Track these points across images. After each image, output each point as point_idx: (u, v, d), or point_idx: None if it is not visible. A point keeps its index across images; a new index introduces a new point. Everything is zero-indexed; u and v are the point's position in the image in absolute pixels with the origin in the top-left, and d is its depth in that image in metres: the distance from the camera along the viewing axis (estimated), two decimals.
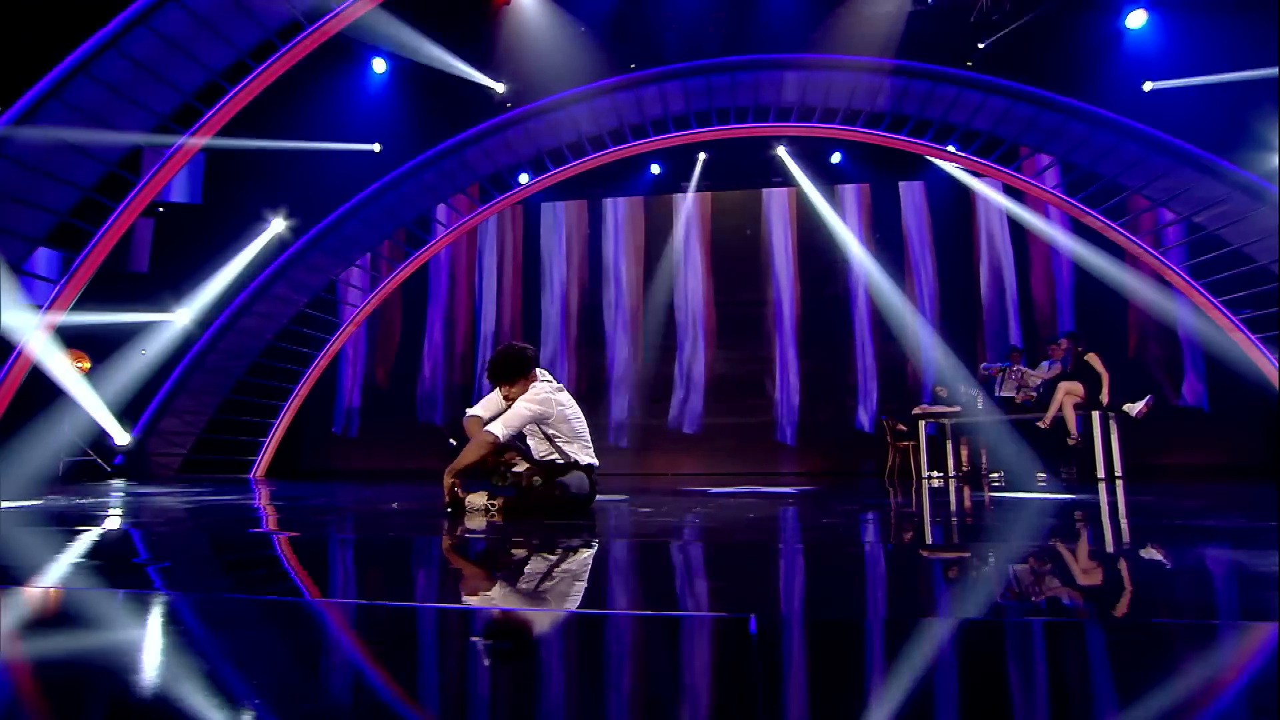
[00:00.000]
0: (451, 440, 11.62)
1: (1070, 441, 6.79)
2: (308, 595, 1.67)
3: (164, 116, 8.29)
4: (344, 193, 9.73)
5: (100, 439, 8.89)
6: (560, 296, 12.04)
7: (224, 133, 8.65)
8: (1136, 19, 8.21)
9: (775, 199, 11.98)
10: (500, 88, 9.61)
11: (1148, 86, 8.04)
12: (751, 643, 1.10)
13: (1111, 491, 5.01)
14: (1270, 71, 7.05)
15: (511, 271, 12.14)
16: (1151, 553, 2.25)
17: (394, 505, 4.41)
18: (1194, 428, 9.48)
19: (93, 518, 3.49)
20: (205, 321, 9.81)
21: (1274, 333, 8.23)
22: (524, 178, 10.67)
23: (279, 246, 9.80)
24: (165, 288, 9.76)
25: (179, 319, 9.63)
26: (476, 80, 9.47)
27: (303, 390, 10.27)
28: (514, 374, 3.44)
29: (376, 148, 9.66)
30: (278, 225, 9.76)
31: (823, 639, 1.20)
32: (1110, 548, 2.40)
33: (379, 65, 9.59)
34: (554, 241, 12.11)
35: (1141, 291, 9.07)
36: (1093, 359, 6.60)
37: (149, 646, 1.12)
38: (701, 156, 11.48)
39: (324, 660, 1.11)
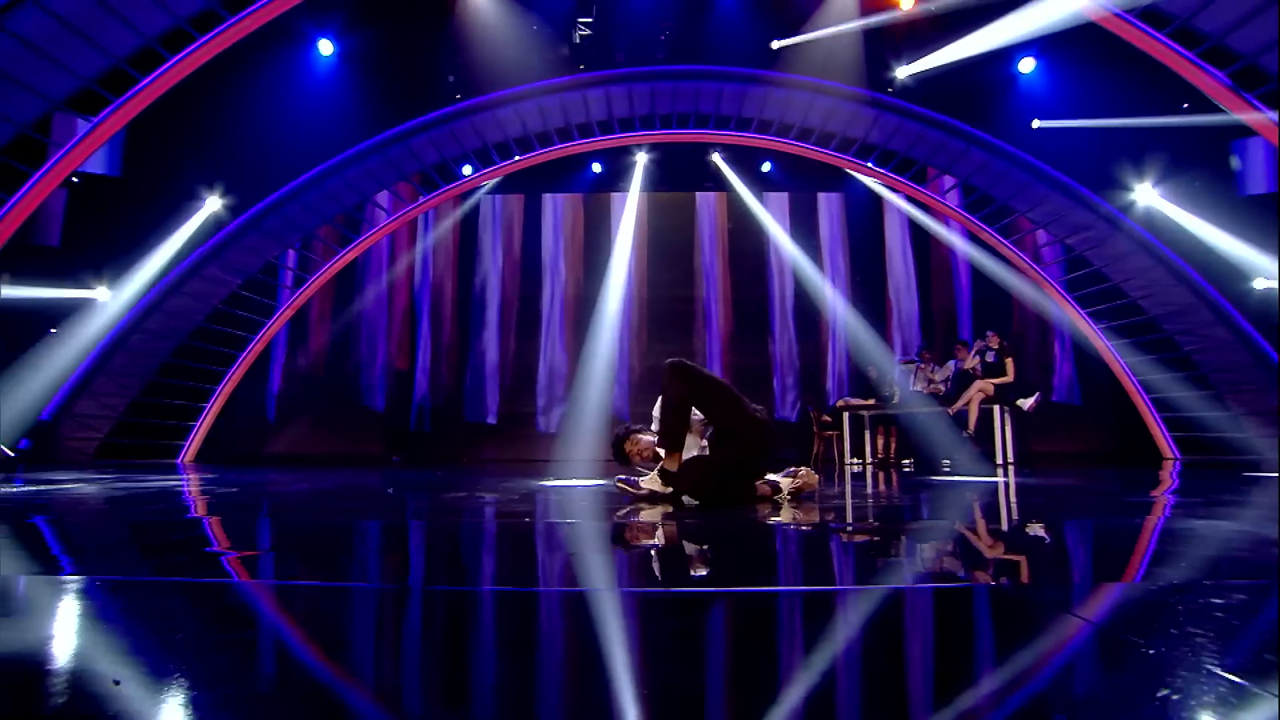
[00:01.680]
0: (396, 458, 11.76)
1: (964, 434, 7.80)
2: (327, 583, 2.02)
3: (88, 80, 7.94)
4: (285, 174, 9.56)
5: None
6: (497, 287, 12.26)
7: (158, 104, 8.38)
8: (1027, 65, 9.43)
9: (707, 202, 12.68)
10: (459, 77, 9.72)
11: (1035, 124, 9.26)
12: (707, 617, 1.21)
13: (1012, 474, 5.96)
14: (1129, 121, 8.35)
15: (450, 260, 12.24)
16: (1047, 523, 2.98)
17: (389, 491, 4.65)
18: (1061, 421, 10.92)
19: None
20: (129, 300, 9.39)
21: (1125, 340, 9.67)
22: (467, 169, 10.81)
23: (214, 226, 9.52)
24: (79, 263, 9.27)
25: (97, 296, 9.18)
26: (427, 68, 9.56)
27: (236, 374, 10.02)
28: None
29: (321, 134, 9.54)
30: (213, 204, 9.47)
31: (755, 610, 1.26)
32: (1021, 518, 3.12)
33: (325, 47, 9.48)
34: (493, 233, 12.30)
35: (1026, 300, 10.38)
36: (1009, 362, 7.64)
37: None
38: (641, 158, 11.98)
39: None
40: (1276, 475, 5.17)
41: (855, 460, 8.92)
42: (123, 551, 2.15)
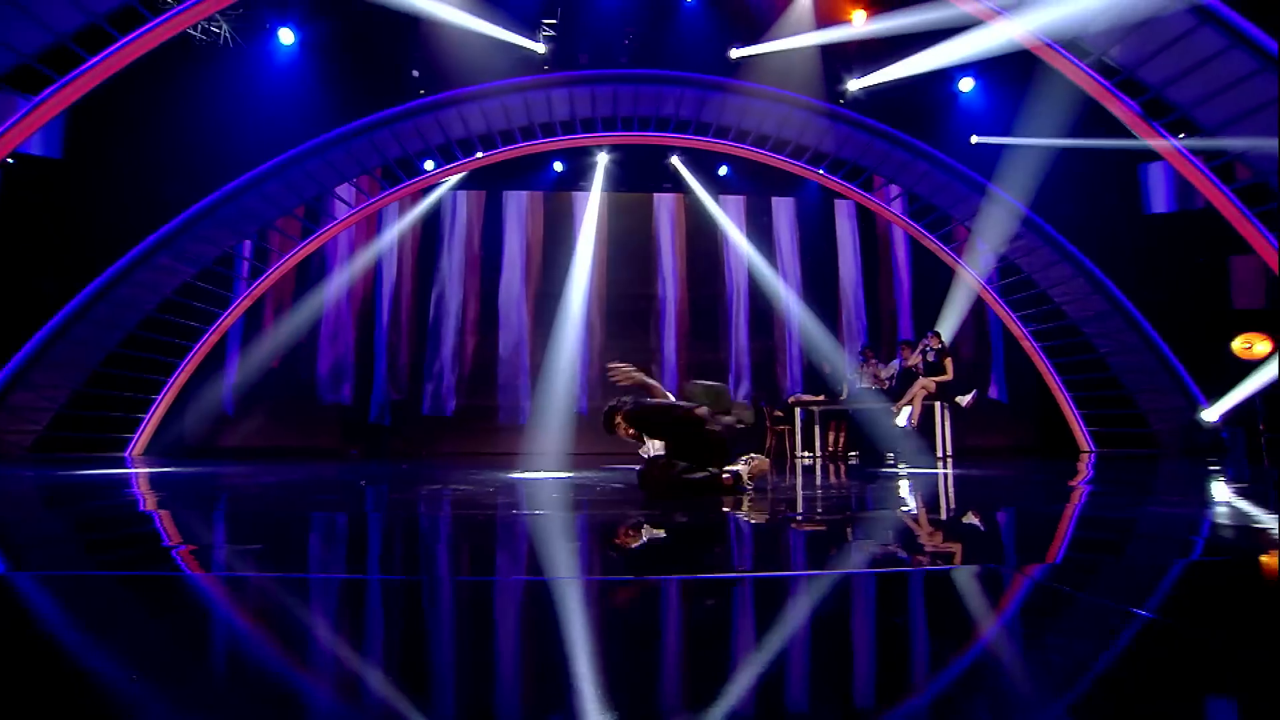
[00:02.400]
0: (354, 451, 11.68)
1: (902, 426, 8.37)
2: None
3: (28, 56, 7.66)
4: (243, 163, 9.39)
5: None
6: (458, 282, 12.30)
7: (108, 85, 8.14)
8: (966, 84, 10.12)
9: (665, 203, 13.02)
10: (424, 73, 9.74)
11: (974, 140, 9.95)
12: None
13: (951, 465, 6.49)
14: (1055, 141, 9.11)
15: (410, 254, 12.21)
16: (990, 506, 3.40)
17: (362, 483, 4.79)
18: (991, 417, 11.72)
19: None
20: (72, 288, 9.07)
21: (1050, 343, 10.50)
22: (430, 164, 10.82)
23: (165, 213, 9.26)
24: (14, 247, 8.90)
25: (34, 284, 8.84)
26: (391, 62, 9.55)
27: (189, 365, 9.78)
28: None
29: (282, 122, 9.42)
30: (164, 191, 9.22)
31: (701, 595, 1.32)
32: (959, 504, 3.54)
33: (286, 36, 9.35)
34: (454, 229, 12.33)
35: (962, 303, 11.11)
36: (948, 361, 8.21)
37: None
38: (602, 158, 12.22)
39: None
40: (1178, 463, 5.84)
41: (806, 453, 9.40)
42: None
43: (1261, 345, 9.01)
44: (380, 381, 11.53)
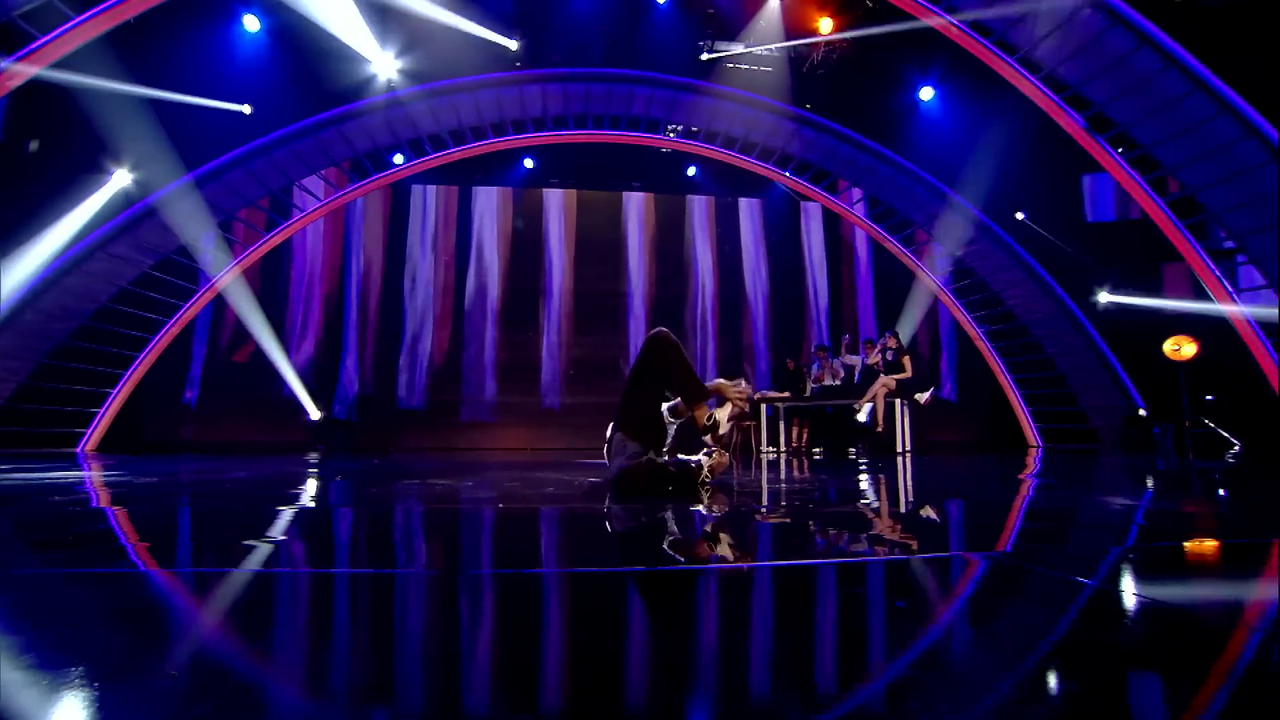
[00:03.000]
0: (320, 446, 11.49)
1: (861, 420, 8.73)
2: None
3: None
4: (206, 152, 9.15)
5: None
6: (427, 277, 12.22)
7: (60, 65, 7.86)
8: (926, 93, 10.55)
9: (634, 202, 13.18)
10: (394, 66, 9.63)
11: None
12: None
13: (911, 460, 6.82)
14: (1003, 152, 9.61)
15: (379, 249, 12.07)
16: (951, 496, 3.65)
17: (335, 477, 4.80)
18: (946, 413, 12.28)
19: None
20: (21, 278, 8.70)
21: (1001, 343, 11.06)
22: (399, 158, 10.72)
23: (123, 202, 8.97)
24: None
25: None
26: (361, 54, 9.43)
27: (149, 358, 9.49)
28: None
29: (246, 109, 9.21)
30: (121, 178, 8.92)
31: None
32: (920, 494, 3.79)
33: (251, 23, 9.15)
34: (422, 223, 12.24)
35: (921, 304, 11.59)
36: (907, 359, 8.58)
37: None
38: (573, 156, 12.30)
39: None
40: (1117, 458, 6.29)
41: (770, 448, 9.69)
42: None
43: (1189, 347, 9.69)
44: (346, 377, 11.39)
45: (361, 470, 4.99)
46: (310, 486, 3.70)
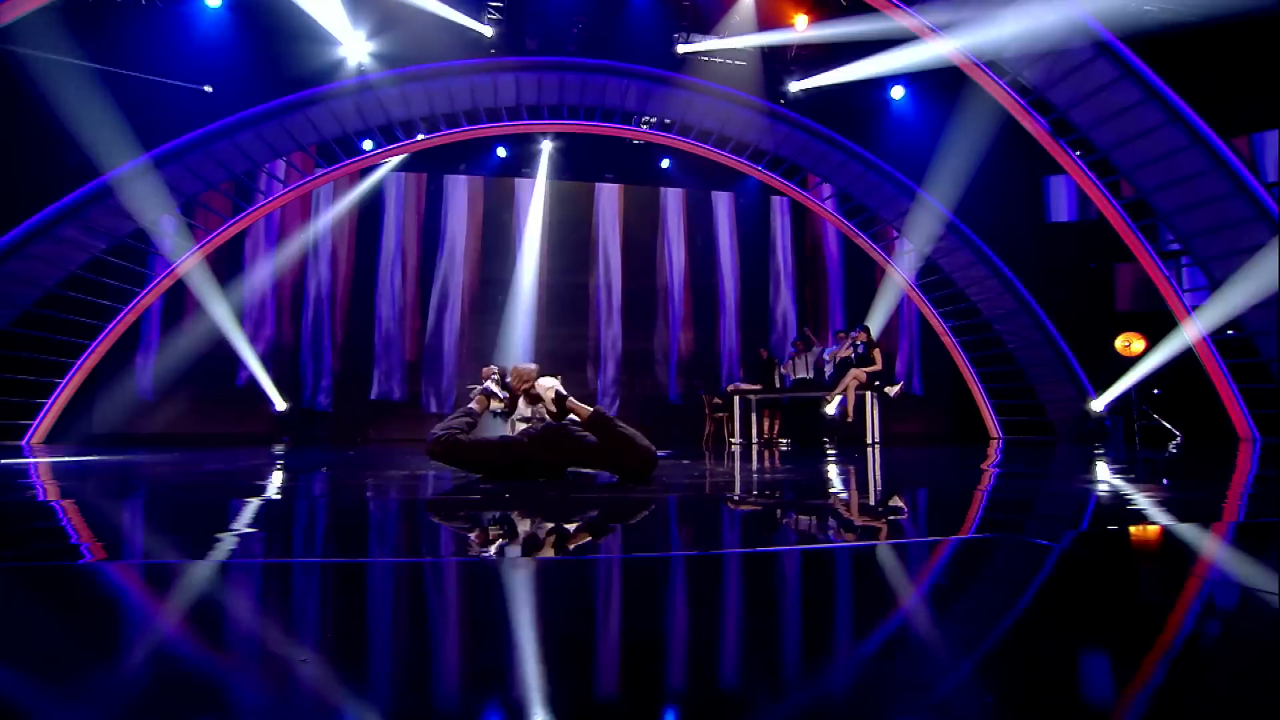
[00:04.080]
0: (285, 438, 11.25)
1: (831, 412, 8.92)
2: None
3: None
4: (163, 132, 8.76)
5: None
6: (395, 265, 11.98)
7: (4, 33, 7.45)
8: (898, 92, 10.76)
9: (607, 193, 13.12)
10: (365, 49, 9.37)
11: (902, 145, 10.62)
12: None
13: (879, 451, 7.00)
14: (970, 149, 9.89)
15: (346, 235, 11.77)
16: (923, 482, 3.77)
17: (325, 469, 4.71)
18: (911, 405, 12.60)
19: None
20: None
21: (965, 337, 11.40)
22: (368, 144, 10.46)
23: (70, 182, 8.52)
24: None
25: None
26: (330, 36, 9.16)
27: (101, 347, 9.07)
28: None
29: (207, 89, 8.85)
30: (69, 160, 8.47)
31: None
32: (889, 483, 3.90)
33: None
34: (392, 211, 11.97)
35: (889, 298, 11.84)
36: (876, 352, 8.76)
37: None
38: (546, 145, 12.18)
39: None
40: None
41: (740, 439, 9.81)
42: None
43: (1138, 344, 10.15)
44: (308, 367, 11.10)
45: (329, 462, 4.89)
46: (273, 480, 3.62)
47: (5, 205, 8.47)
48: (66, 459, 5.14)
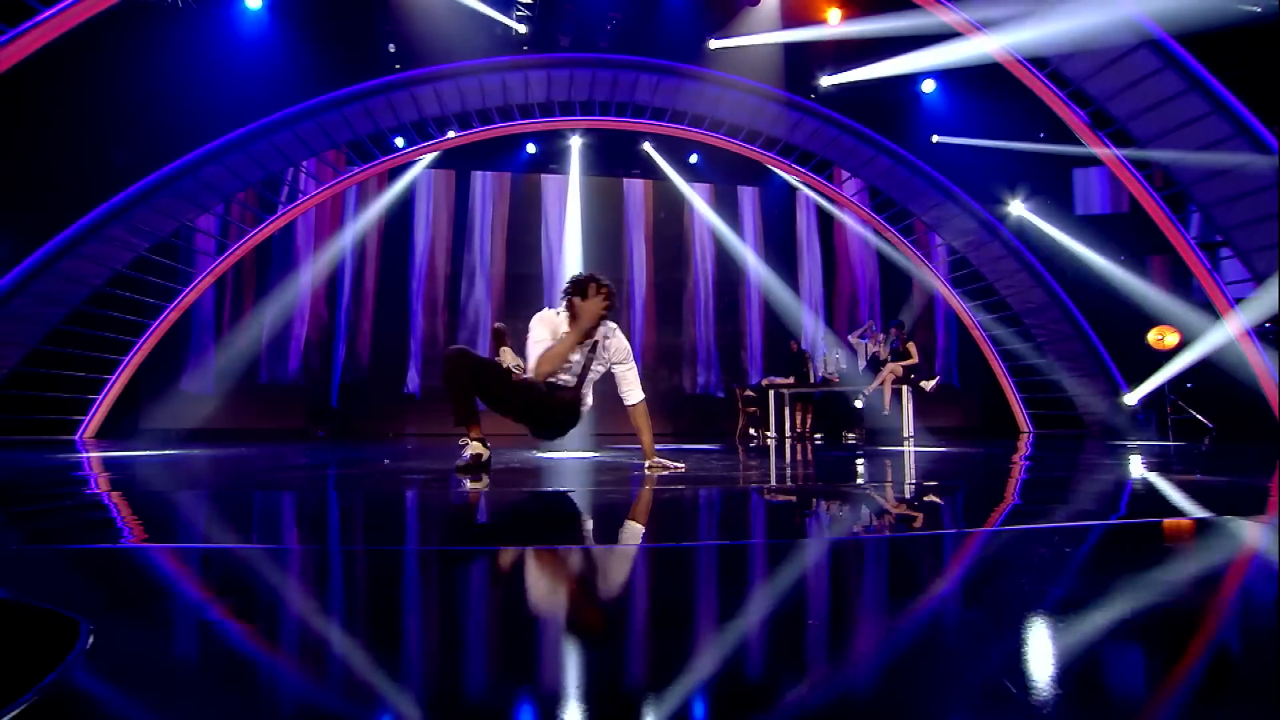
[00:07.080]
0: (320, 433, 11.39)
1: (858, 406, 8.96)
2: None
3: None
4: (205, 133, 8.90)
5: None
6: (424, 262, 12.10)
7: (49, 49, 7.57)
8: (928, 85, 10.70)
9: (635, 188, 13.17)
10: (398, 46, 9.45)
11: (935, 139, 10.57)
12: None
13: (913, 445, 7.02)
14: (1007, 144, 9.82)
15: (375, 233, 11.90)
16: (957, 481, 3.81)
17: (385, 461, 4.81)
18: (943, 399, 12.57)
19: None
20: (7, 260, 8.42)
21: (996, 331, 11.37)
22: (400, 141, 10.56)
23: (118, 183, 8.69)
24: None
25: None
26: (366, 34, 9.24)
27: (149, 343, 9.27)
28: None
29: (249, 91, 8.96)
30: (116, 160, 8.65)
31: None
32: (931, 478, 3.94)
33: (253, 0, 8.89)
34: (421, 208, 12.10)
35: (921, 290, 11.83)
36: (912, 346, 8.79)
37: None
38: (575, 142, 12.23)
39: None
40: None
41: (774, 434, 9.88)
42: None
43: (1172, 337, 10.09)
44: (341, 362, 11.27)
45: (386, 455, 4.99)
46: (379, 476, 3.72)
47: (55, 205, 8.67)
48: (146, 454, 5.28)
